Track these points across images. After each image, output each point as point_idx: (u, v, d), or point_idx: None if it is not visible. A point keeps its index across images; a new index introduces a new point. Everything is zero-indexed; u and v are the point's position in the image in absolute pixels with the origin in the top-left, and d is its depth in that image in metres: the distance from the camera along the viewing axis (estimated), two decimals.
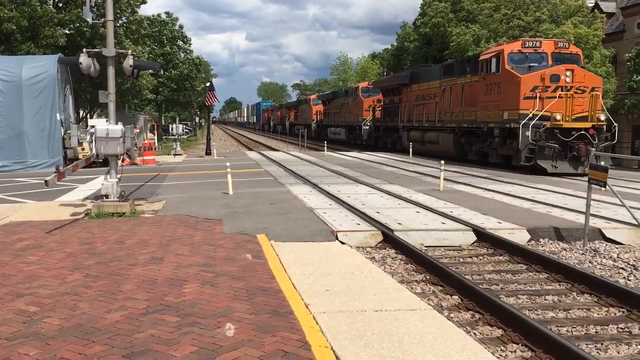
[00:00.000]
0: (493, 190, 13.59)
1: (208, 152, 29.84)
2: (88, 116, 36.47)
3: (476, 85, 21.68)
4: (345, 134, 43.62)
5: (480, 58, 21.50)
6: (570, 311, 5.96)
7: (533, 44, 19.72)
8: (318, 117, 54.29)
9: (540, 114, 17.61)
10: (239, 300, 5.52)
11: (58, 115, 20.31)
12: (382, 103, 34.93)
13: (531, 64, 19.18)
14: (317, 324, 4.88)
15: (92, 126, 10.89)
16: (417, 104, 28.13)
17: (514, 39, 29.69)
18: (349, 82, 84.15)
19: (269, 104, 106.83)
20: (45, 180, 9.43)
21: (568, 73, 18.04)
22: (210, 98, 29.83)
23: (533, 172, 17.78)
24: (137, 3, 32.24)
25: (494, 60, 20.12)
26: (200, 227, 9.31)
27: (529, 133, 17.64)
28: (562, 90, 17.79)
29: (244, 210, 10.86)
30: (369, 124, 37.21)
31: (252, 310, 5.23)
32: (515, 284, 6.90)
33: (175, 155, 29.35)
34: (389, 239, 8.71)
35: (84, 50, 11.14)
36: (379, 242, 8.74)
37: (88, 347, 4.40)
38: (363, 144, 37.94)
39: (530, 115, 17.75)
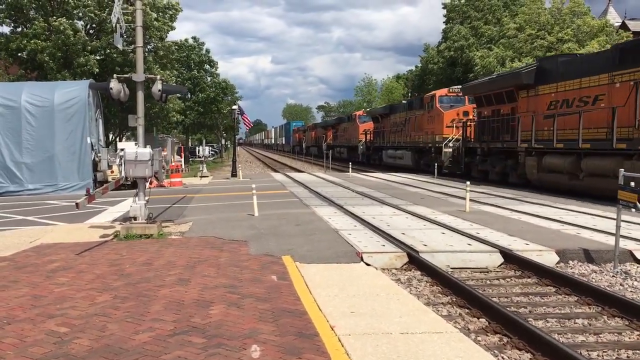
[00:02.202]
0: (520, 212, 13.44)
1: (234, 174, 30.11)
2: (117, 139, 37.17)
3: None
4: (411, 158, 33.02)
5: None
6: (600, 335, 5.84)
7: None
8: (367, 137, 44.38)
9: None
10: (264, 322, 5.55)
11: (89, 139, 20.78)
12: (478, 116, 25.70)
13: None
14: (343, 346, 4.87)
15: (122, 149, 11.13)
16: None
17: (537, 59, 29.88)
18: (374, 103, 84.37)
19: (299, 123, 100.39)
20: (76, 203, 9.64)
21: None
22: (246, 122, 31.69)
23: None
24: (166, 29, 32.97)
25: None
26: (226, 249, 9.39)
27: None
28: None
29: (269, 231, 10.92)
30: (451, 145, 26.76)
31: (278, 332, 5.25)
32: (544, 307, 6.79)
33: (201, 177, 29.68)
34: (415, 261, 8.67)
35: (115, 76, 11.44)
36: (405, 264, 8.70)
37: None
38: (446, 172, 27.11)
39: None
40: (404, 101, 40.75)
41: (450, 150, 26.61)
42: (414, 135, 32.65)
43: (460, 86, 29.73)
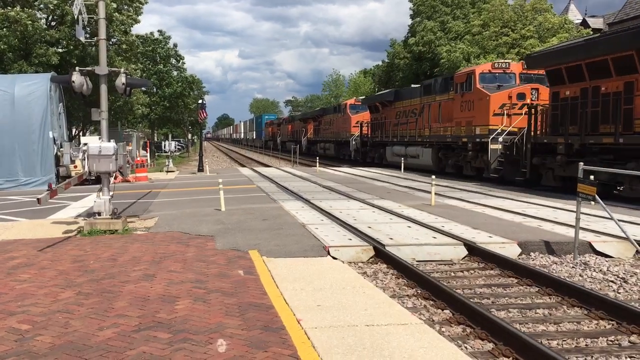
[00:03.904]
0: (484, 205, 13.68)
1: (201, 168, 29.86)
2: (81, 134, 36.45)
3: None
4: (432, 156, 25.65)
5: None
6: (560, 324, 6.00)
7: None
8: (363, 130, 36.55)
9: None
10: (230, 316, 5.54)
11: (51, 133, 20.31)
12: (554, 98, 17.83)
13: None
14: (309, 339, 4.90)
15: (85, 144, 10.92)
16: None
17: (502, 55, 30.26)
18: (342, 97, 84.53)
19: (272, 117, 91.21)
20: (38, 198, 9.44)
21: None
22: (201, 114, 31.07)
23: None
24: (131, 22, 32.38)
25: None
26: (193, 244, 9.32)
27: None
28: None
29: (236, 226, 10.88)
30: (500, 140, 19.42)
31: (244, 326, 5.25)
32: (506, 298, 6.95)
33: (167, 172, 29.35)
34: (381, 254, 8.75)
35: (77, 68, 11.20)
36: (371, 257, 8.78)
37: None
38: (494, 177, 20.07)
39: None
40: (413, 85, 32.19)
41: (499, 146, 19.31)
42: (437, 127, 25.00)
43: (507, 61, 23.12)
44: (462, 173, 23.12)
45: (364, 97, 42.63)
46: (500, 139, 19.36)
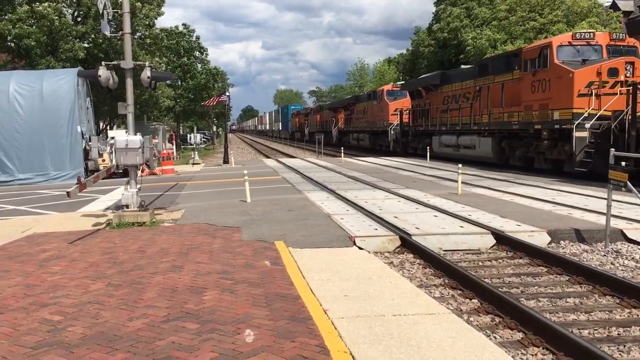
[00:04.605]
0: (512, 193, 13.49)
1: (226, 160, 30.05)
2: (108, 128, 36.96)
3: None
4: (492, 147, 22.02)
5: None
6: (592, 313, 5.90)
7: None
8: (403, 117, 33.35)
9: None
10: (258, 307, 5.57)
11: (79, 127, 20.62)
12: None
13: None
14: (336, 329, 4.90)
15: (112, 137, 11.06)
16: None
17: (530, 41, 29.50)
18: (366, 87, 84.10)
19: (299, 107, 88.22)
20: (68, 192, 9.59)
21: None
22: (212, 101, 30.96)
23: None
24: (154, 15, 32.63)
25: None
26: (219, 235, 9.39)
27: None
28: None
29: (261, 217, 10.93)
30: (587, 127, 16.06)
31: (271, 317, 5.27)
32: (536, 287, 6.85)
33: (193, 164, 29.62)
34: (407, 244, 8.70)
35: (103, 63, 11.33)
36: (397, 247, 8.73)
37: (111, 355, 4.47)
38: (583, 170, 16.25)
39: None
40: (463, 66, 28.67)
41: (587, 134, 16.02)
42: (498, 113, 21.44)
43: (591, 30, 19.52)
44: (532, 166, 19.54)
45: (402, 82, 39.17)
46: (588, 125, 15.86)
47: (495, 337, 5.25)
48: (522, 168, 19.99)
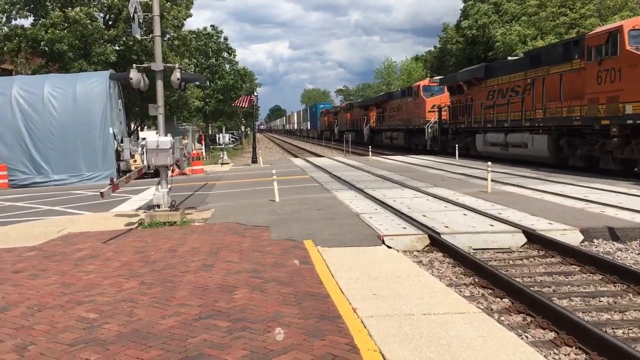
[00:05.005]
0: (543, 191, 13.30)
1: (254, 160, 30.26)
2: (138, 129, 37.55)
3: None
4: (547, 144, 19.62)
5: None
6: (626, 313, 5.79)
7: None
8: (442, 114, 31.29)
9: None
10: (287, 305, 5.62)
11: (111, 129, 21.03)
12: None
13: None
14: (365, 327, 4.92)
15: (144, 139, 11.25)
16: None
17: (561, 37, 28.88)
18: (393, 85, 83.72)
19: (328, 105, 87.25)
20: (101, 192, 9.80)
21: None
22: (243, 100, 31.09)
23: None
24: (182, 16, 33.04)
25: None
26: (249, 234, 9.48)
27: None
28: None
29: (290, 216, 10.99)
30: None
31: (301, 315, 5.31)
32: (568, 286, 6.76)
33: (222, 164, 29.89)
34: (436, 243, 8.66)
35: (134, 66, 11.53)
36: (426, 246, 8.70)
37: (145, 352, 4.57)
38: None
39: None
40: (510, 57, 26.25)
41: None
42: (555, 107, 19.13)
43: None
44: (596, 167, 17.77)
45: (439, 77, 37.12)
46: None
47: (526, 337, 5.20)
48: (584, 169, 18.07)
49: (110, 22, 32.49)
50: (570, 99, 18.11)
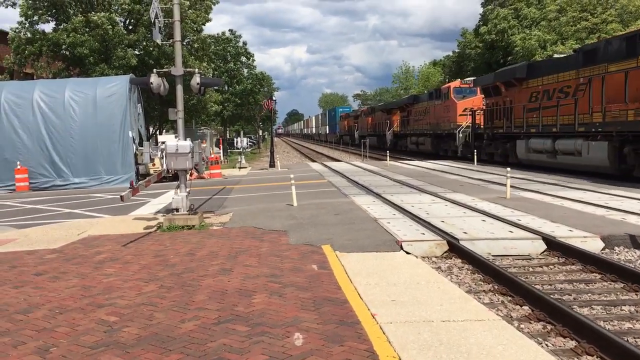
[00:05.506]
0: (563, 197, 13.16)
1: (272, 164, 30.36)
2: (157, 132, 37.89)
3: None
4: (607, 152, 16.88)
5: None
6: None
7: None
8: (477, 119, 28.56)
9: None
10: (306, 310, 5.62)
11: (130, 133, 21.25)
12: None
13: None
14: (384, 334, 4.90)
15: (163, 142, 11.35)
16: None
17: (582, 42, 28.55)
18: (412, 89, 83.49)
19: (347, 109, 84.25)
20: (121, 196, 9.89)
21: None
22: (268, 104, 31.48)
23: None
24: (201, 20, 33.31)
25: None
26: (267, 239, 9.51)
27: None
28: None
29: (308, 221, 11.00)
30: None
31: (320, 320, 5.31)
32: (589, 294, 6.68)
33: (240, 168, 30.04)
34: (455, 249, 8.61)
35: (154, 70, 11.65)
36: (445, 252, 8.65)
37: (165, 355, 4.60)
38: None
39: None
40: (558, 54, 24.44)
41: None
42: (617, 110, 16.53)
43: None
44: None
45: (472, 77, 34.60)
46: None
47: (547, 345, 5.15)
48: None
49: (130, 27, 32.87)
50: (637, 100, 15.73)
